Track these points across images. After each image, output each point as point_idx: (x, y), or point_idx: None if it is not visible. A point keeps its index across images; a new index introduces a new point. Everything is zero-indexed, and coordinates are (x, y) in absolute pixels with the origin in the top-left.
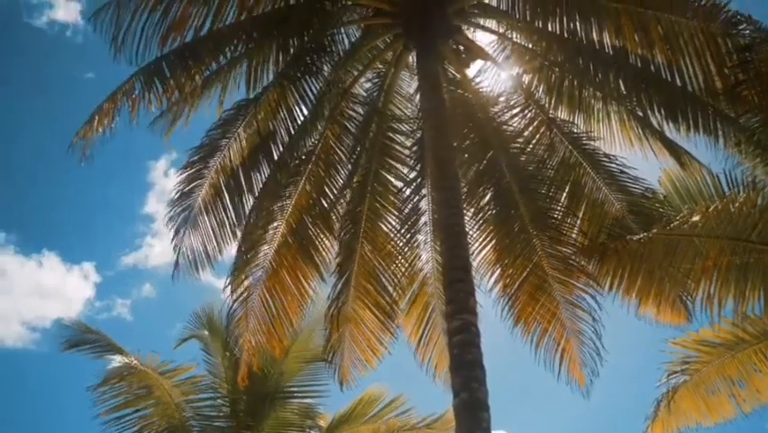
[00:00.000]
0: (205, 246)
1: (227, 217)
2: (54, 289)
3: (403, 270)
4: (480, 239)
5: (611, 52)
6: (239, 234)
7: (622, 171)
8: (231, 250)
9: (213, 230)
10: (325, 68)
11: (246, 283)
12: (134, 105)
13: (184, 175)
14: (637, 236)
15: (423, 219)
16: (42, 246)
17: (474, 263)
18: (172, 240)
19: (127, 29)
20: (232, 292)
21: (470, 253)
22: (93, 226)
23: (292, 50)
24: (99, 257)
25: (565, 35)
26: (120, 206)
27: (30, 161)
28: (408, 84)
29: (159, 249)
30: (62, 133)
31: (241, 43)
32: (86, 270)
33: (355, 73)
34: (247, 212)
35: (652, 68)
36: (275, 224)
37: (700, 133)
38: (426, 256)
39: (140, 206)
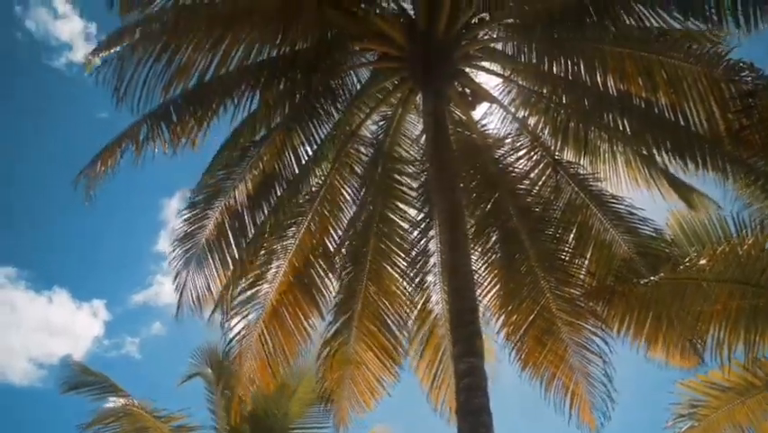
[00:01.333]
0: (209, 285)
1: (230, 257)
2: (63, 326)
3: (409, 311)
4: (487, 281)
5: (616, 94)
6: (240, 272)
7: (630, 213)
8: (233, 288)
9: (216, 269)
10: (332, 110)
11: (245, 321)
12: (139, 147)
13: (187, 215)
14: (645, 280)
15: (432, 260)
16: (53, 283)
17: (481, 306)
18: (174, 280)
19: (130, 79)
20: (230, 330)
21: (477, 295)
22: (104, 264)
23: (299, 93)
24: (110, 295)
25: (570, 78)
26: (132, 243)
27: (45, 198)
28: (414, 126)
29: (169, 287)
30: (76, 171)
31: (248, 87)
32: (96, 307)
33: (362, 115)
34: (250, 251)
35: (656, 110)
36: (277, 263)
37: (709, 170)
38: (437, 297)
39: (152, 244)
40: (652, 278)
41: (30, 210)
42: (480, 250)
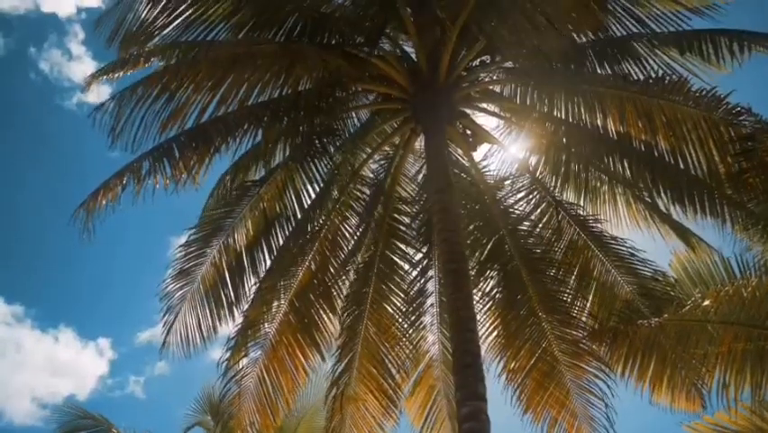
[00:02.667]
0: (207, 324)
1: (226, 296)
2: (68, 365)
3: (407, 352)
4: (488, 323)
5: (615, 137)
6: (238, 312)
7: (631, 254)
8: (229, 327)
9: (213, 308)
10: (334, 150)
11: (244, 361)
12: (140, 182)
13: (183, 252)
14: (649, 321)
15: (429, 301)
16: (60, 321)
17: (482, 348)
18: (163, 316)
19: (127, 117)
20: (227, 370)
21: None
22: (111, 302)
23: (301, 133)
24: (115, 333)
25: (570, 120)
26: (139, 281)
27: (54, 236)
28: (415, 166)
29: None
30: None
31: (251, 126)
32: (102, 346)
33: (364, 156)
34: (248, 290)
35: (656, 153)
36: (277, 303)
37: (707, 216)
38: (433, 338)
39: (159, 282)
40: (656, 319)
41: (39, 248)
42: (480, 291)
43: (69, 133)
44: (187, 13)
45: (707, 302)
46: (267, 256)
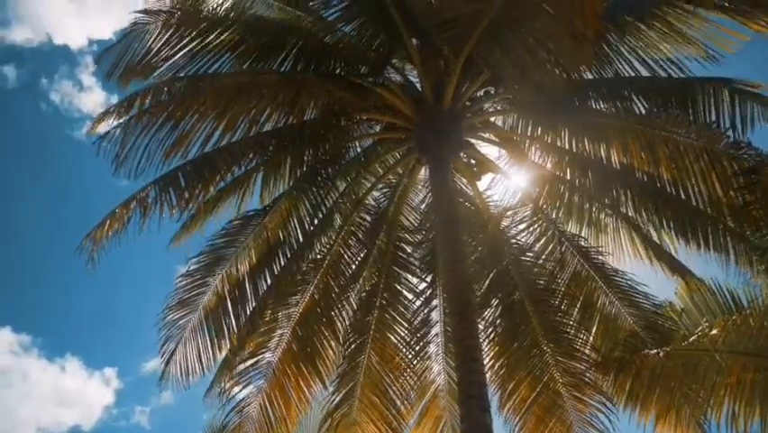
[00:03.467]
0: (208, 354)
1: (227, 326)
2: (74, 394)
3: (412, 382)
4: (490, 354)
5: (619, 168)
6: (239, 341)
7: (631, 287)
8: (234, 357)
9: (211, 338)
10: (338, 179)
11: (246, 391)
12: (146, 211)
13: (184, 282)
14: (655, 351)
15: (434, 330)
16: (66, 350)
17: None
18: (162, 347)
19: (131, 147)
20: (229, 400)
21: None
22: (117, 332)
23: (306, 163)
24: (121, 362)
25: (574, 151)
26: (146, 311)
27: (61, 265)
28: (419, 195)
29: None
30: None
31: (257, 155)
32: (108, 375)
33: (368, 185)
34: (250, 319)
35: (658, 184)
36: (279, 331)
37: (711, 250)
38: (438, 368)
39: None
40: (664, 349)
41: (46, 277)
42: (483, 322)
43: (78, 162)
44: (192, 45)
45: (714, 331)
46: (270, 285)
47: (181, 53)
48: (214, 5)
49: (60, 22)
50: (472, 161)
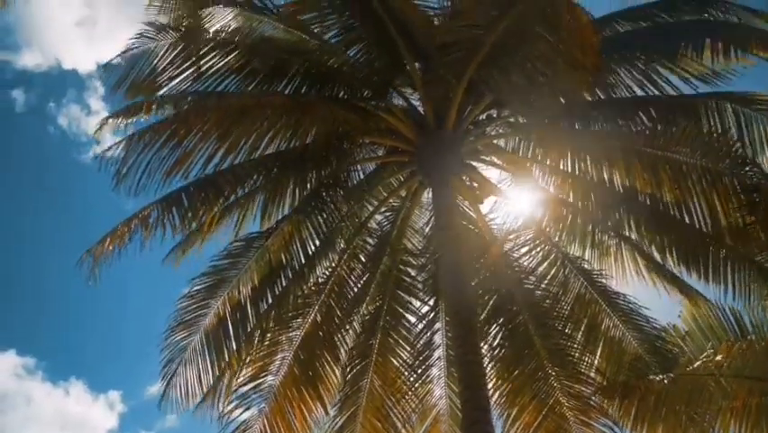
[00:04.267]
0: (208, 377)
1: (228, 348)
2: (78, 418)
3: (414, 406)
4: (494, 378)
5: (621, 190)
6: (241, 364)
7: (634, 310)
8: (234, 380)
9: (212, 361)
10: (341, 202)
11: (248, 414)
12: (148, 229)
13: (186, 304)
14: (662, 375)
15: (436, 353)
16: (71, 374)
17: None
18: (163, 369)
19: (132, 164)
20: (229, 424)
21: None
22: (122, 355)
23: (309, 185)
24: (126, 386)
25: (576, 173)
26: (151, 334)
27: (66, 288)
28: (422, 218)
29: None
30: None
31: (260, 177)
32: (112, 399)
33: (371, 208)
34: (252, 342)
35: (661, 206)
36: (281, 355)
37: (711, 274)
38: (440, 392)
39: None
40: (670, 373)
41: (52, 300)
42: (486, 346)
43: (84, 186)
44: (197, 65)
45: (719, 357)
46: (271, 308)
47: (186, 73)
48: (220, 26)
49: (69, 46)
50: (475, 184)
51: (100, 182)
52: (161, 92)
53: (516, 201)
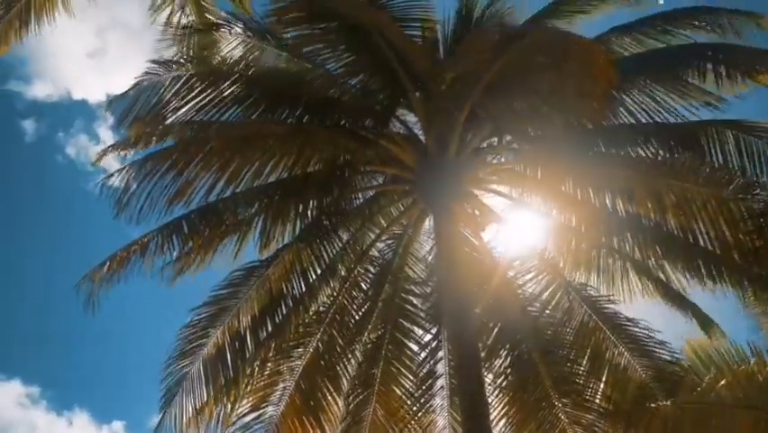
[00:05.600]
0: (202, 407)
1: (226, 378)
2: None
3: None
4: (499, 407)
5: (625, 216)
6: (238, 395)
7: (646, 336)
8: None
9: (213, 391)
10: (342, 230)
11: None
12: (148, 257)
13: (187, 333)
14: (666, 404)
15: (439, 382)
16: (74, 403)
17: None
18: (162, 400)
19: (134, 192)
20: None
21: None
22: (127, 385)
23: (310, 213)
24: (130, 416)
25: (579, 199)
26: (157, 364)
27: (71, 318)
28: (424, 246)
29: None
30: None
31: (261, 205)
32: (116, 429)
33: (372, 236)
34: (253, 372)
35: (665, 229)
36: (282, 385)
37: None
38: (444, 422)
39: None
40: (676, 402)
41: (57, 329)
42: (490, 374)
43: (90, 215)
44: (201, 97)
45: (723, 383)
46: (272, 337)
47: (190, 105)
48: (224, 57)
49: (79, 77)
50: (477, 212)
51: (105, 211)
52: (166, 122)
53: (518, 228)
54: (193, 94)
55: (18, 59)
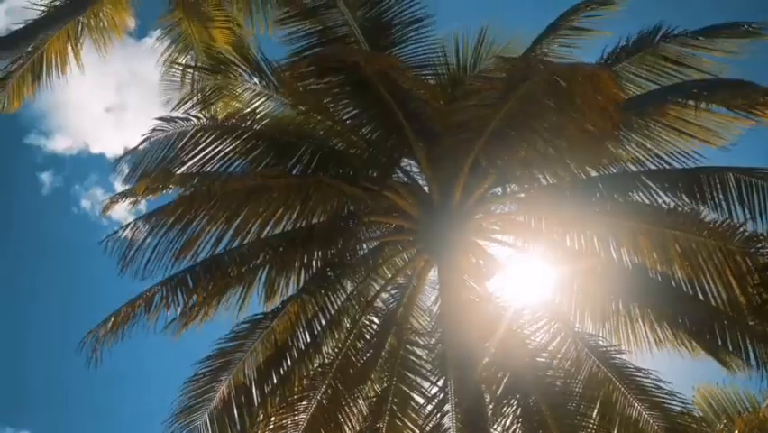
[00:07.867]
0: None
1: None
2: None
3: None
4: None
5: (631, 267)
6: None
7: (657, 387)
8: None
9: None
10: (347, 282)
11: None
12: (153, 311)
13: (191, 387)
14: None
15: None
16: None
17: None
18: None
19: (139, 247)
20: None
21: None
22: None
23: (315, 264)
24: None
25: (584, 250)
26: (158, 414)
27: (68, 366)
28: (430, 297)
29: None
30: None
31: (266, 257)
32: None
33: (377, 287)
34: (257, 426)
35: (673, 283)
36: None
37: (730, 347)
38: None
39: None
40: None
41: (59, 381)
42: (498, 428)
43: (98, 269)
44: (206, 151)
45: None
46: (277, 390)
47: (195, 159)
48: (230, 110)
49: (98, 131)
50: (481, 262)
51: (113, 265)
52: (173, 176)
53: (524, 277)
54: (198, 148)
55: (40, 112)
